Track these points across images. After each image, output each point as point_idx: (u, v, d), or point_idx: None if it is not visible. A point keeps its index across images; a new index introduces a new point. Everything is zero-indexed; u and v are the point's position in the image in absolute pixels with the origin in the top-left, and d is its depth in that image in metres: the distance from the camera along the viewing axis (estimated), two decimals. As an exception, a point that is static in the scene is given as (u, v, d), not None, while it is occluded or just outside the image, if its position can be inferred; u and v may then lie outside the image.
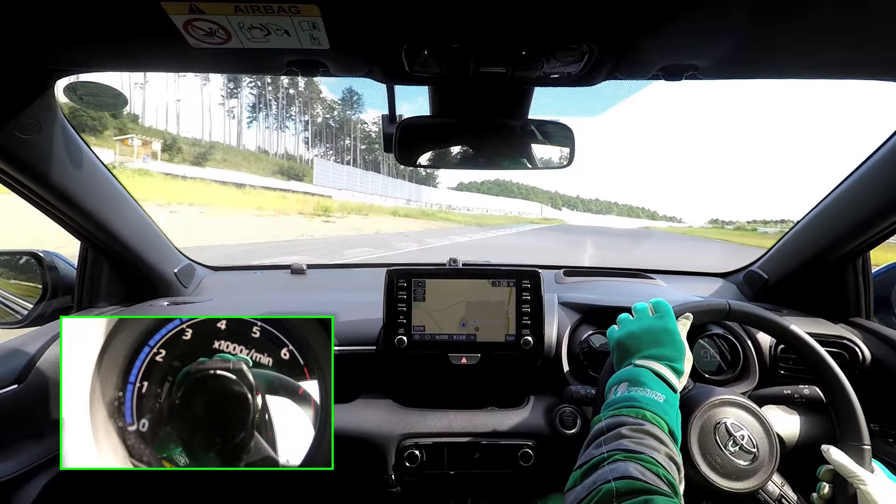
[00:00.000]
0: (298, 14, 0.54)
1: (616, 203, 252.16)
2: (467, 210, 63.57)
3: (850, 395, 0.69)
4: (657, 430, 0.54)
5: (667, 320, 0.69)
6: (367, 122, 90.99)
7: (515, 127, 0.92)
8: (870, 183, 0.92)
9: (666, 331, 0.68)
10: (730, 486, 0.64)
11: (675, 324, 0.69)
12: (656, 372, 0.62)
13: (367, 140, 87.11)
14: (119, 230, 1.02)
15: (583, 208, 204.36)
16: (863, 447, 0.66)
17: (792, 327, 0.74)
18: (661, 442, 0.52)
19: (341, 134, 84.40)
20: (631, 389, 0.60)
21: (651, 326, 0.69)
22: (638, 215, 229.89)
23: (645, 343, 0.67)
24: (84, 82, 0.77)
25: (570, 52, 0.65)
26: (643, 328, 0.69)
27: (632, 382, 0.61)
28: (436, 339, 0.94)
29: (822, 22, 0.57)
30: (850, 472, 0.63)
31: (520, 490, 1.00)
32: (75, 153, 0.88)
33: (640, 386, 0.60)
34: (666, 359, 0.65)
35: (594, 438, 0.55)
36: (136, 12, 0.55)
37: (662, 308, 0.72)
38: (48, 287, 1.06)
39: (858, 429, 0.67)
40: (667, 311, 0.71)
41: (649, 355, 0.65)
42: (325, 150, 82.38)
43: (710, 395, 0.71)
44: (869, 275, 1.05)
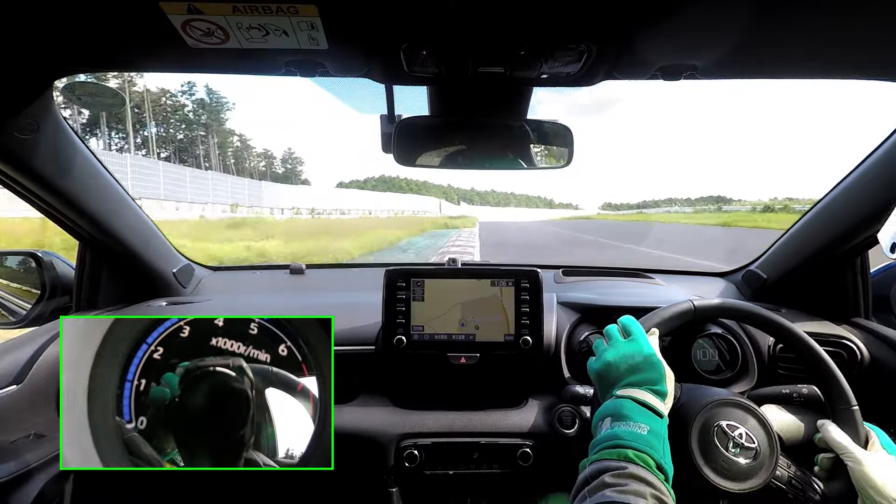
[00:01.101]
0: (297, 14, 0.54)
1: (513, 194, 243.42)
2: (342, 214, 40.26)
3: (827, 361, 0.71)
4: (642, 470, 0.52)
5: (640, 342, 0.67)
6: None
7: (514, 127, 0.92)
8: (868, 182, 0.92)
9: (640, 353, 0.66)
10: (736, 487, 0.63)
11: (648, 342, 0.67)
12: (638, 400, 0.60)
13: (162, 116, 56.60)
14: (117, 230, 1.02)
15: (480, 201, 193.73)
16: (851, 409, 0.68)
17: (759, 309, 0.75)
18: (646, 483, 0.51)
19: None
20: (614, 425, 0.58)
21: (626, 352, 0.67)
22: (536, 205, 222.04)
23: (623, 371, 0.65)
24: (82, 82, 0.77)
25: (569, 52, 0.65)
26: (618, 356, 0.67)
27: (614, 417, 0.59)
28: (435, 339, 0.94)
29: (821, 22, 0.57)
30: (841, 447, 0.65)
31: (519, 490, 1.00)
32: (73, 153, 0.88)
33: (623, 420, 0.58)
34: (646, 383, 0.63)
35: (579, 489, 0.54)
36: (133, 12, 0.55)
37: (632, 328, 0.70)
38: (47, 287, 1.06)
39: (844, 392, 0.69)
40: (637, 331, 0.69)
41: (629, 383, 0.64)
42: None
43: (709, 395, 0.71)
44: (868, 274, 1.05)
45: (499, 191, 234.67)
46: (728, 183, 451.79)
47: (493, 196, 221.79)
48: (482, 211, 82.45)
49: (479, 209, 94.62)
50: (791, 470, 0.67)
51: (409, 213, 49.72)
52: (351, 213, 42.24)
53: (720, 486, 0.63)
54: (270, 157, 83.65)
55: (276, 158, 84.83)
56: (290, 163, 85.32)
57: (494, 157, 0.95)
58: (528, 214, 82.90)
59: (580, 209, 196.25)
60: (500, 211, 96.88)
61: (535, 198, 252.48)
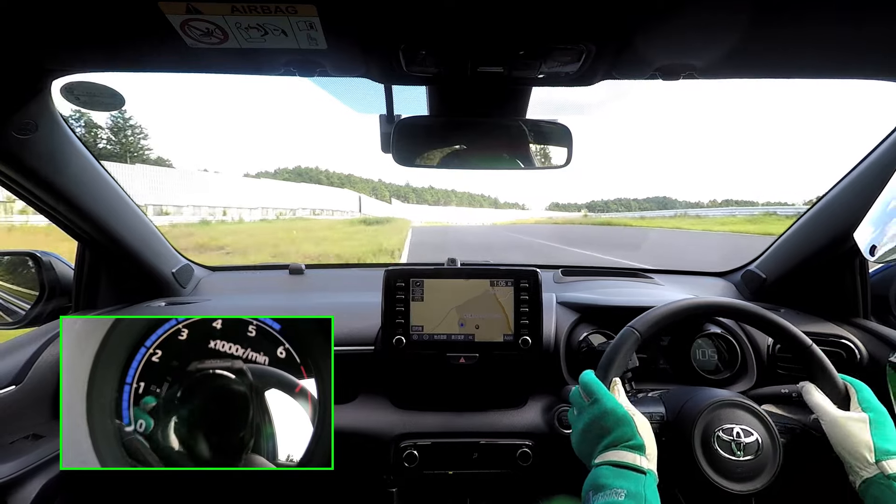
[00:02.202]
0: (295, 14, 0.54)
1: (454, 191, 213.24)
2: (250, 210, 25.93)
3: (798, 334, 0.73)
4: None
5: (602, 401, 0.65)
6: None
7: (513, 126, 0.92)
8: (868, 182, 0.92)
9: (604, 413, 0.64)
10: (740, 488, 0.63)
11: (612, 399, 0.66)
12: (614, 462, 0.59)
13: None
14: (116, 230, 1.02)
15: (416, 199, 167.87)
16: (827, 370, 0.70)
17: (746, 305, 0.76)
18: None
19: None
20: (594, 498, 0.57)
21: (591, 417, 0.65)
22: (480, 204, 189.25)
23: (594, 437, 0.64)
24: (81, 82, 0.77)
25: (568, 52, 0.65)
26: (585, 423, 0.66)
27: (594, 489, 0.58)
28: (434, 339, 0.94)
29: (821, 22, 0.57)
30: (819, 408, 0.67)
31: (518, 490, 1.00)
32: (72, 154, 0.88)
33: (601, 490, 0.57)
34: (620, 442, 0.61)
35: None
36: (132, 12, 0.55)
37: (592, 387, 0.68)
38: (46, 287, 1.06)
39: (821, 361, 0.71)
40: (597, 390, 0.67)
41: (604, 447, 0.62)
42: None
43: (710, 397, 0.71)
44: (867, 274, 1.05)
45: (437, 188, 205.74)
46: (674, 185, 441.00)
47: (430, 193, 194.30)
48: (417, 211, 68.81)
49: (414, 209, 78.90)
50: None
51: (320, 208, 36.38)
52: (250, 211, 26.49)
53: (722, 487, 0.63)
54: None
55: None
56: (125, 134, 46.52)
57: (493, 157, 0.95)
58: (473, 216, 72.52)
59: (527, 209, 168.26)
60: (439, 211, 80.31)
61: (478, 196, 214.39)
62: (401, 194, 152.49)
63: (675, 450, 0.67)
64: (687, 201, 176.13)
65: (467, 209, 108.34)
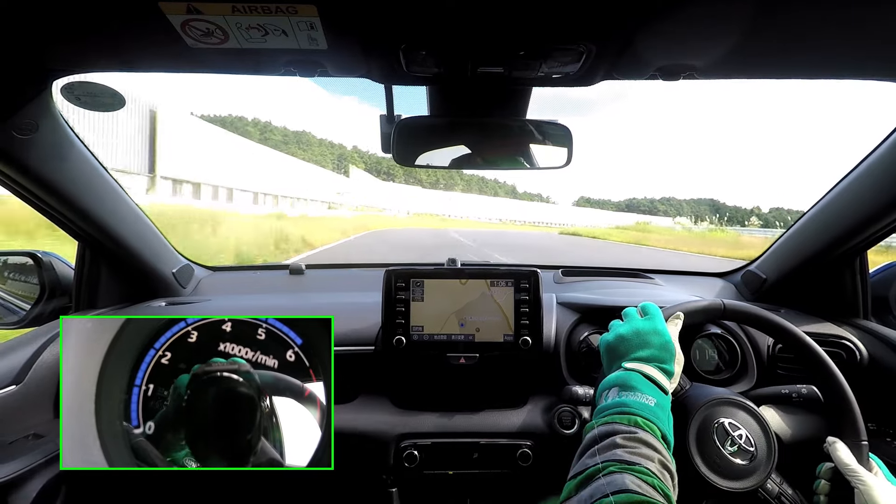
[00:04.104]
0: (296, 14, 0.54)
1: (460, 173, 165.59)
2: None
3: (847, 391, 0.69)
4: (650, 436, 0.54)
5: (655, 321, 0.69)
6: None
7: (513, 127, 0.92)
8: (868, 182, 0.92)
9: (655, 332, 0.67)
10: (728, 485, 0.64)
11: (664, 325, 0.69)
12: (646, 374, 0.62)
13: None
14: (117, 230, 1.02)
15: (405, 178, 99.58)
16: (861, 443, 0.66)
17: (789, 326, 0.74)
18: (654, 450, 0.52)
19: None
20: (622, 394, 0.60)
21: (639, 329, 0.68)
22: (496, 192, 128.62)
23: (634, 345, 0.66)
24: (81, 82, 0.77)
25: (568, 53, 0.65)
26: (631, 330, 0.68)
27: (622, 387, 0.61)
28: (434, 340, 0.94)
29: (821, 22, 0.57)
30: (850, 469, 0.63)
31: (518, 490, 1.00)
32: (73, 154, 0.88)
33: (631, 390, 0.59)
34: (655, 360, 0.64)
35: (588, 447, 0.55)
36: (133, 12, 0.55)
37: (650, 310, 0.71)
38: (46, 287, 1.06)
39: (856, 425, 0.67)
40: (655, 313, 0.70)
41: (638, 357, 0.65)
42: None
43: (708, 394, 0.71)
44: (867, 274, 1.05)
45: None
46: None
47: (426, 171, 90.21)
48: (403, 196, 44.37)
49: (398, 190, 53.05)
50: (783, 486, 0.67)
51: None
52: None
53: (713, 483, 0.64)
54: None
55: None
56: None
57: (494, 157, 0.95)
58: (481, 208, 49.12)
59: (552, 202, 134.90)
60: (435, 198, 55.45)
61: (492, 182, 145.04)
62: (381, 169, 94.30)
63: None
64: (737, 206, 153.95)
65: (476, 197, 77.58)
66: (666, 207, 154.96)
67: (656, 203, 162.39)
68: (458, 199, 66.49)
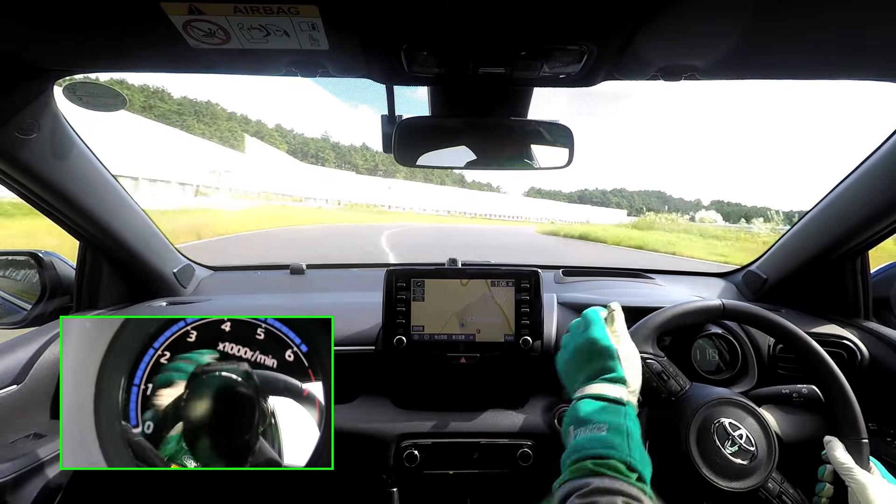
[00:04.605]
0: (297, 15, 0.54)
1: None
2: None
3: (847, 390, 0.69)
4: (606, 480, 0.48)
5: (590, 330, 0.64)
6: None
7: (515, 127, 0.92)
8: (868, 183, 0.92)
9: (590, 342, 0.62)
10: (729, 485, 0.64)
11: (601, 329, 0.64)
12: (594, 395, 0.57)
13: None
14: (118, 230, 1.02)
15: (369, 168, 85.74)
16: (861, 442, 0.66)
17: (790, 326, 0.74)
18: (614, 493, 0.47)
19: None
20: (575, 433, 0.55)
21: (577, 346, 0.64)
22: (442, 181, 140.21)
23: (576, 367, 0.63)
24: (83, 82, 0.77)
25: (569, 53, 0.65)
26: (571, 352, 0.64)
27: (575, 423, 0.56)
28: (435, 340, 0.94)
29: (821, 22, 0.57)
30: (845, 468, 0.63)
31: (519, 490, 1.00)
32: (74, 154, 0.88)
33: (582, 425, 0.55)
34: (600, 373, 0.60)
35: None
36: (135, 13, 0.55)
37: (587, 318, 0.66)
38: (47, 287, 1.06)
39: (856, 423, 0.67)
40: (591, 319, 0.66)
41: (585, 378, 0.61)
42: None
43: (709, 394, 0.71)
44: (867, 275, 1.05)
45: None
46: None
47: (361, 154, 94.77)
48: (335, 184, 38.58)
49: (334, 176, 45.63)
50: (784, 486, 0.67)
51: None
52: None
53: (712, 482, 0.63)
54: None
55: None
56: None
57: (495, 158, 0.95)
58: (421, 197, 44.95)
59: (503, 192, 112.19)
60: (374, 186, 50.62)
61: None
62: (309, 152, 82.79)
63: (668, 442, 0.68)
64: (682, 199, 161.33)
65: (421, 186, 66.18)
66: (618, 199, 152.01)
67: (608, 194, 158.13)
68: (399, 188, 55.78)
